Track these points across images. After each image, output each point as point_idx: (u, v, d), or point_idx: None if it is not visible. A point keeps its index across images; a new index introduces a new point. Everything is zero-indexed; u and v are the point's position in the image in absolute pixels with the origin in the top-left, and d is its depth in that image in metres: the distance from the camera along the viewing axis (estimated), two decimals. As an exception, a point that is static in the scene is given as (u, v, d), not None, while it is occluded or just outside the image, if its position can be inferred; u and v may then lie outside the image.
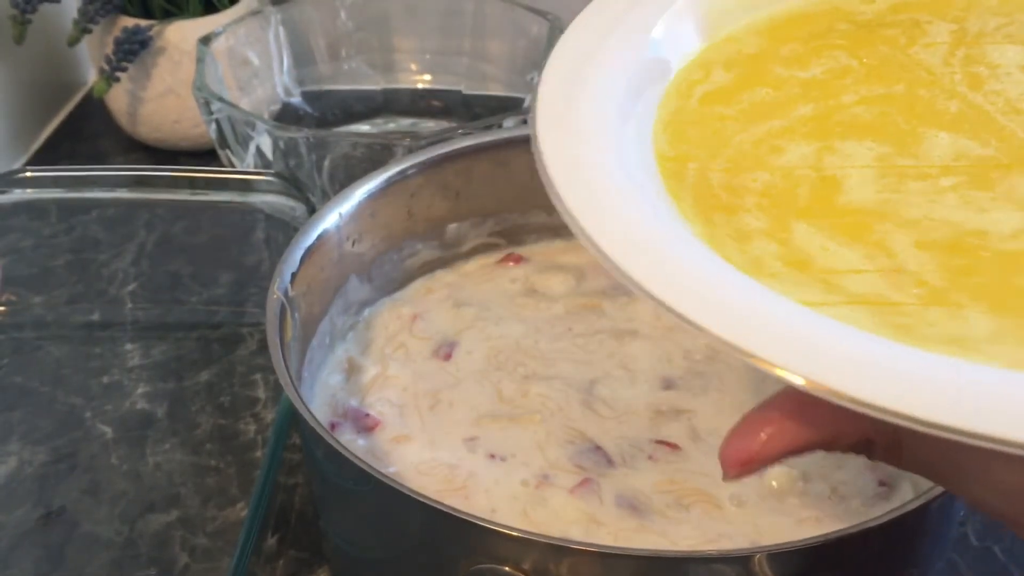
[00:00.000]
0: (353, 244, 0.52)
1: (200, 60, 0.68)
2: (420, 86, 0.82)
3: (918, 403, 0.24)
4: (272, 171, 0.61)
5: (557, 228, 0.57)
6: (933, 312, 0.29)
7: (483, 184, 0.56)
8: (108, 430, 0.55)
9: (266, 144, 0.64)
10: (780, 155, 0.35)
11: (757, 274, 0.30)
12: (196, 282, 0.65)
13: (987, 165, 0.34)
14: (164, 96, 0.77)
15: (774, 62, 0.39)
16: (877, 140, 0.35)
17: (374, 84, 0.81)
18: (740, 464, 0.29)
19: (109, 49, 0.74)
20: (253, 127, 0.63)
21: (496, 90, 0.79)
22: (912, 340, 0.27)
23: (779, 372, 0.26)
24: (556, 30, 0.73)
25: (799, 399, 0.28)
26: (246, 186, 0.61)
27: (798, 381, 0.25)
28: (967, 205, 0.32)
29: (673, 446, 0.46)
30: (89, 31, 0.75)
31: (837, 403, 0.25)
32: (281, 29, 0.77)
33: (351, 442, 0.47)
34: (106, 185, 0.62)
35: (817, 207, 0.33)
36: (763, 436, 0.29)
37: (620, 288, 0.48)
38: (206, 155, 0.80)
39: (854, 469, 0.44)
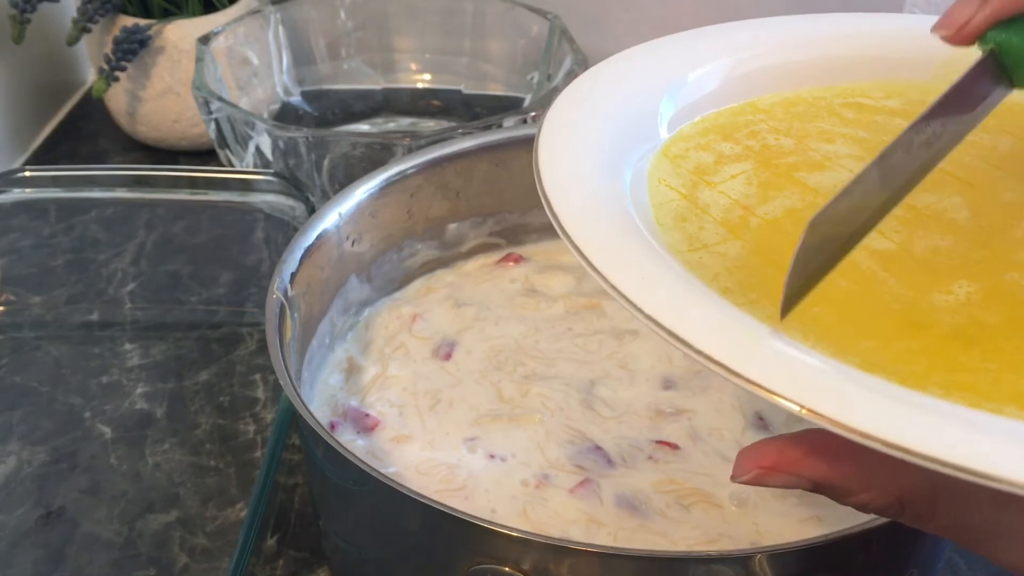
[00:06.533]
0: (353, 244, 0.52)
1: (199, 59, 0.68)
2: (420, 86, 0.82)
3: (984, 456, 0.24)
4: (272, 171, 0.61)
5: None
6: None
7: (483, 184, 0.56)
8: (107, 430, 0.55)
9: (265, 144, 0.63)
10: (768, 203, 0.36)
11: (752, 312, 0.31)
12: (196, 282, 0.65)
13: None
14: (163, 95, 0.77)
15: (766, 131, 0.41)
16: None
17: (374, 84, 0.81)
18: (747, 471, 0.30)
19: (108, 48, 0.74)
20: (252, 127, 0.63)
21: (496, 90, 0.79)
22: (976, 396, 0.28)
23: (820, 421, 0.25)
24: (556, 29, 0.73)
25: (828, 438, 0.27)
26: (246, 186, 0.60)
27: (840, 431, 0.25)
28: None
29: (673, 446, 0.46)
30: (88, 30, 0.75)
31: (889, 453, 0.24)
32: (281, 28, 0.76)
33: (351, 442, 0.47)
34: (105, 185, 0.62)
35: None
36: (776, 456, 0.30)
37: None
38: (205, 155, 0.80)
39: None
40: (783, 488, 0.30)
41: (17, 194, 0.62)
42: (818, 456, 0.29)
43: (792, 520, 0.42)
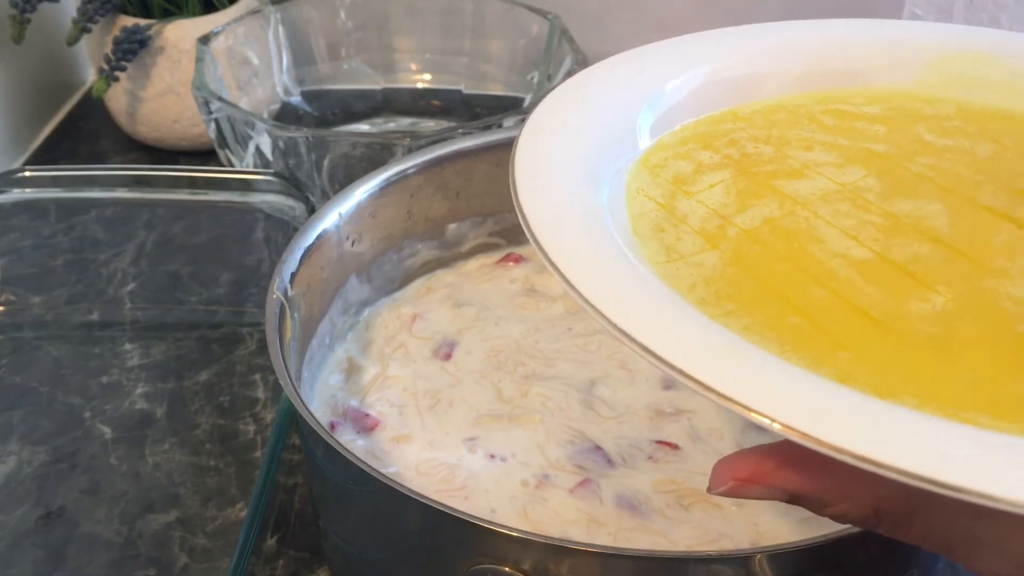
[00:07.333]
0: (353, 244, 0.52)
1: (199, 59, 0.68)
2: (420, 86, 0.82)
3: (953, 468, 0.24)
4: (272, 171, 0.61)
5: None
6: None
7: (483, 184, 0.56)
8: (107, 430, 0.55)
9: (265, 144, 0.63)
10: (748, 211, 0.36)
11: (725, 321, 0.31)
12: (196, 282, 0.65)
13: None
14: (163, 95, 0.77)
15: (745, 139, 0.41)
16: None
17: (374, 84, 0.81)
18: (723, 483, 0.30)
19: (108, 48, 0.74)
20: (252, 127, 0.63)
21: (496, 90, 0.79)
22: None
23: (790, 433, 0.25)
24: (556, 29, 0.73)
25: (803, 450, 0.28)
26: (246, 186, 0.60)
27: (817, 447, 0.25)
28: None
29: (673, 446, 0.46)
30: (88, 30, 0.75)
31: (857, 464, 0.25)
32: (281, 28, 0.76)
33: (351, 442, 0.47)
34: (105, 185, 0.62)
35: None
36: (752, 469, 0.30)
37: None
38: (205, 155, 0.80)
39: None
40: (760, 500, 0.30)
41: (17, 194, 0.62)
42: (792, 468, 0.30)
43: (792, 520, 0.42)
